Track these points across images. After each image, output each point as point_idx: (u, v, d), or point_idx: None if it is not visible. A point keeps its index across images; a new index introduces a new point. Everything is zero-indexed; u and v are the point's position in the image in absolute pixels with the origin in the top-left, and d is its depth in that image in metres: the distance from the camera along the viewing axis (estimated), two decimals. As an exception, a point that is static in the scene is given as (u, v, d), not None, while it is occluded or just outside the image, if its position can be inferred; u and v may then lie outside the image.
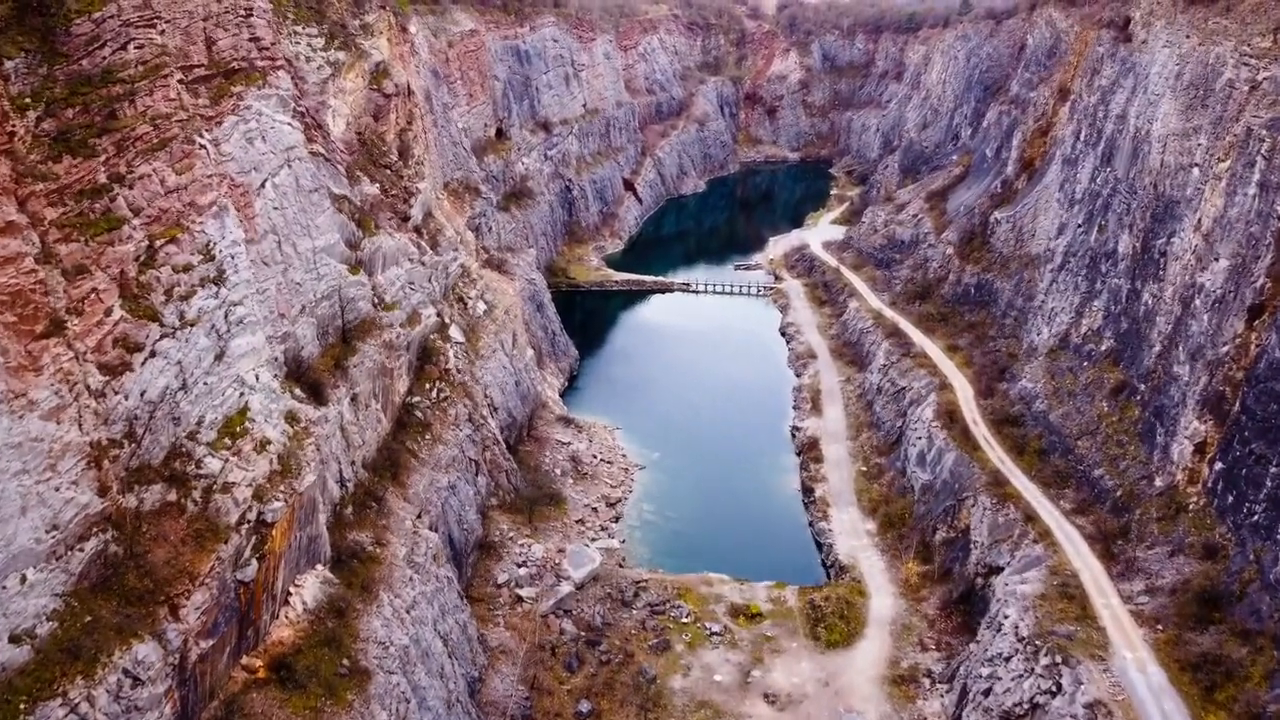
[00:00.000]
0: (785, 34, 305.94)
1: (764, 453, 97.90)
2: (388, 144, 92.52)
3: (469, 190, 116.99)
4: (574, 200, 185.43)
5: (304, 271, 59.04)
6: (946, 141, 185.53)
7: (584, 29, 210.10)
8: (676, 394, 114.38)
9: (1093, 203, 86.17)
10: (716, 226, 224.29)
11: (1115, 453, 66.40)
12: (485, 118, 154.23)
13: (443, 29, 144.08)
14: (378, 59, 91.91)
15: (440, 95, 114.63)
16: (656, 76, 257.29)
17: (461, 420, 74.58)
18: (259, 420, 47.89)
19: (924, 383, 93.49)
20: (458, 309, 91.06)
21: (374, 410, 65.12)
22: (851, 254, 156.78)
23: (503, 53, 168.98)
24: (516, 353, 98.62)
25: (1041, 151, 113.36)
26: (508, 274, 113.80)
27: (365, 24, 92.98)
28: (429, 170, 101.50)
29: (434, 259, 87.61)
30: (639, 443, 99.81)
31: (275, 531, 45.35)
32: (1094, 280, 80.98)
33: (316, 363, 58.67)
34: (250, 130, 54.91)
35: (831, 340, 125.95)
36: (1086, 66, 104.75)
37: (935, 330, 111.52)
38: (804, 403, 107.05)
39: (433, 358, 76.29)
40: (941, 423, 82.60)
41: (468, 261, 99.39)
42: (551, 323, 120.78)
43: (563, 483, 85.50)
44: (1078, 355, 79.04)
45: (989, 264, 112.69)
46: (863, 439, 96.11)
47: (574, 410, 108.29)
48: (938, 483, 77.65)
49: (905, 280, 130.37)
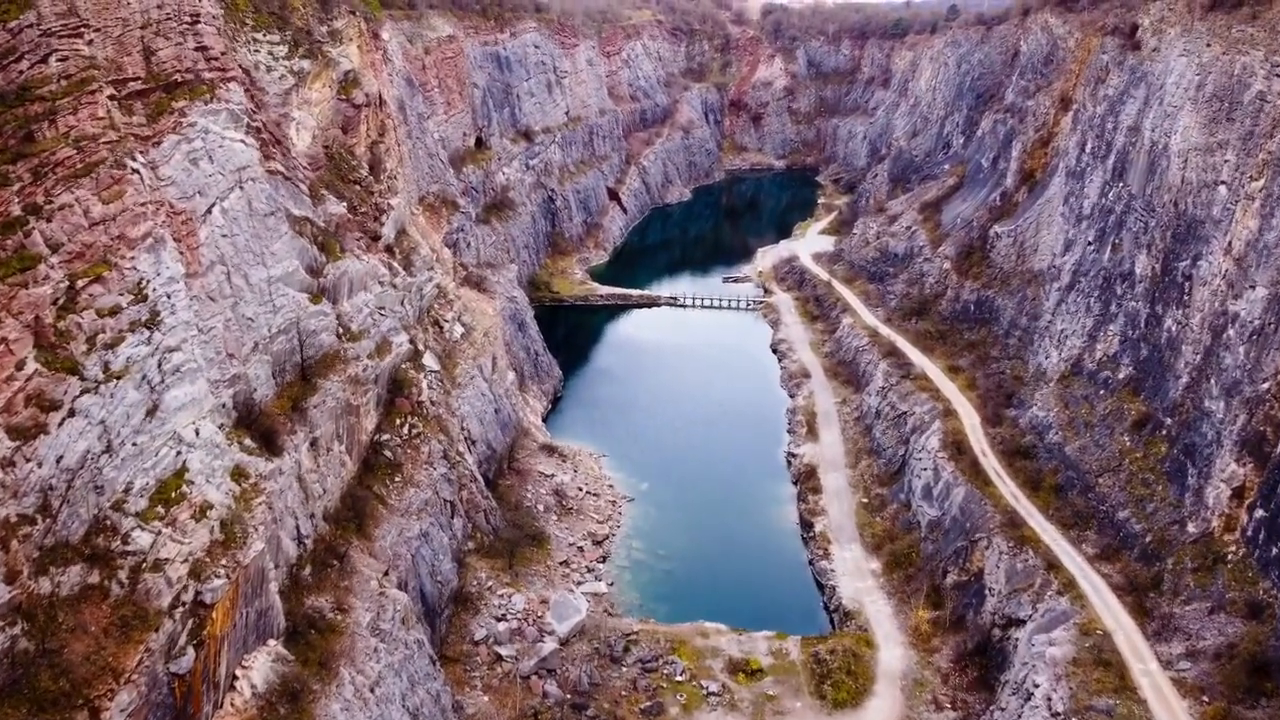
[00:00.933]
0: (770, 40, 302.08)
1: (759, 481, 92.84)
2: (357, 158, 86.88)
3: (446, 204, 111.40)
4: (557, 211, 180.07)
5: (257, 304, 53.40)
6: (937, 150, 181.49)
7: (566, 35, 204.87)
8: (665, 416, 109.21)
9: (1104, 219, 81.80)
10: (702, 236, 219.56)
11: (1141, 493, 61.75)
12: (464, 127, 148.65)
13: (419, 35, 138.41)
14: (346, 67, 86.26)
15: (415, 104, 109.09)
16: (640, 83, 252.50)
17: (435, 458, 69.01)
18: (199, 482, 42.22)
19: (926, 408, 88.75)
20: (433, 333, 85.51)
21: (337, 454, 59.48)
22: (843, 266, 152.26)
23: (482, 59, 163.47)
24: (496, 377, 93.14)
25: (1043, 163, 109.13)
26: (487, 292, 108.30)
27: (333, 30, 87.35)
28: (402, 185, 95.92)
29: (407, 280, 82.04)
30: (627, 471, 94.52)
31: (216, 612, 39.69)
32: (1108, 302, 76.51)
33: (271, 406, 53.00)
34: (194, 150, 49.27)
35: (825, 358, 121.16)
36: (1090, 75, 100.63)
37: (934, 349, 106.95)
38: (799, 426, 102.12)
39: (404, 390, 70.71)
40: (948, 454, 77.82)
41: (444, 281, 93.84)
42: (534, 342, 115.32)
43: (546, 520, 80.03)
44: (1092, 382, 74.50)
45: (989, 280, 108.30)
46: (862, 467, 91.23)
47: (558, 435, 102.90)
48: (946, 519, 72.83)
49: (900, 295, 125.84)
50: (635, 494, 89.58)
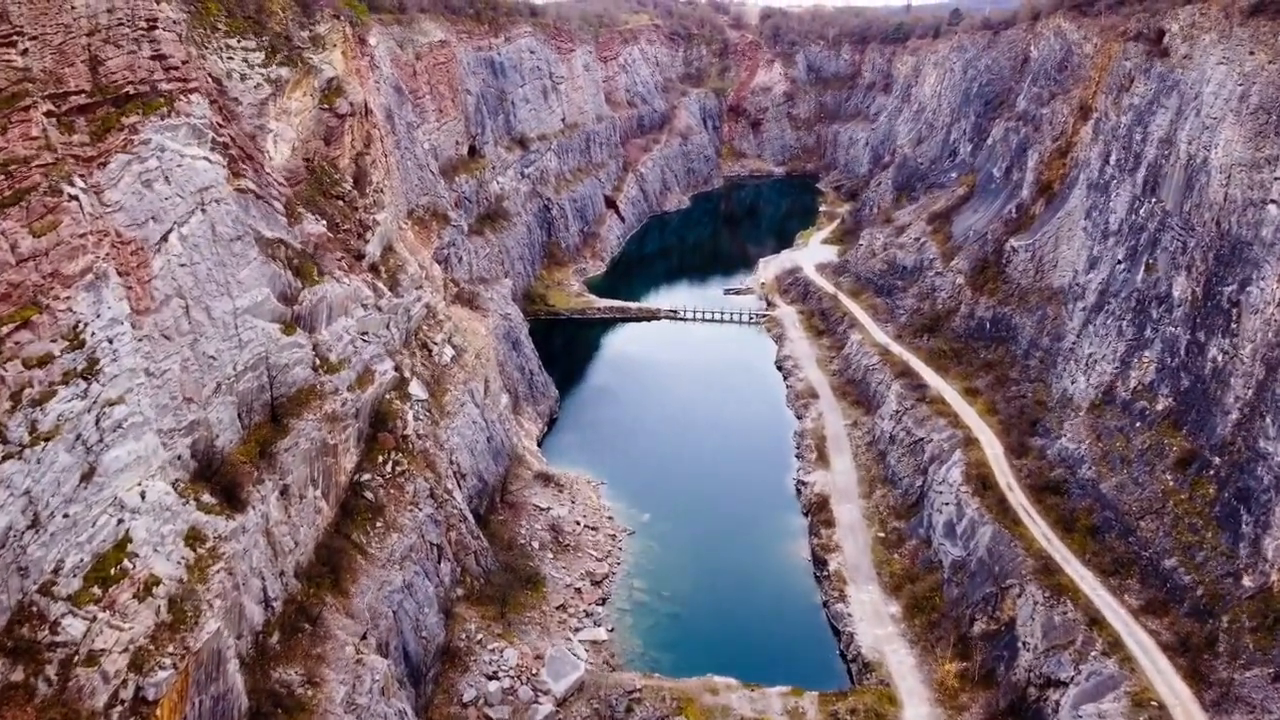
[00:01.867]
0: (769, 45, 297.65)
1: (767, 512, 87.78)
2: (341, 171, 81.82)
3: (437, 218, 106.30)
4: (553, 220, 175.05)
5: (221, 340, 48.27)
6: (944, 158, 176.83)
7: (562, 39, 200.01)
8: (666, 439, 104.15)
9: (1135, 237, 76.98)
10: (702, 245, 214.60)
11: (1189, 540, 56.81)
12: (457, 134, 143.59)
13: (410, 40, 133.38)
14: (330, 75, 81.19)
15: (404, 113, 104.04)
16: (638, 89, 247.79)
17: (422, 497, 63.87)
18: (144, 553, 37.07)
19: (945, 435, 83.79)
20: (421, 357, 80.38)
21: (311, 500, 54.34)
22: (849, 279, 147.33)
23: (476, 65, 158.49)
24: (489, 402, 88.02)
25: (1061, 174, 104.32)
26: (480, 309, 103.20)
27: (315, 36, 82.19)
28: (390, 198, 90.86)
29: (393, 302, 76.94)
30: (627, 500, 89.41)
31: (161, 709, 34.55)
32: (1142, 326, 71.66)
33: (235, 453, 47.84)
34: (148, 171, 44.15)
35: (833, 377, 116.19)
36: (1111, 82, 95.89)
37: (948, 369, 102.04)
38: (808, 451, 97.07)
39: (388, 423, 65.57)
40: (972, 488, 72.85)
41: (433, 300, 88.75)
42: (529, 361, 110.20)
43: (541, 558, 74.89)
44: (1127, 413, 69.59)
45: (1005, 296, 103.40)
46: (877, 497, 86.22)
47: (554, 460, 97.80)
48: (972, 561, 67.82)
49: (911, 311, 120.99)
50: (636, 526, 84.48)
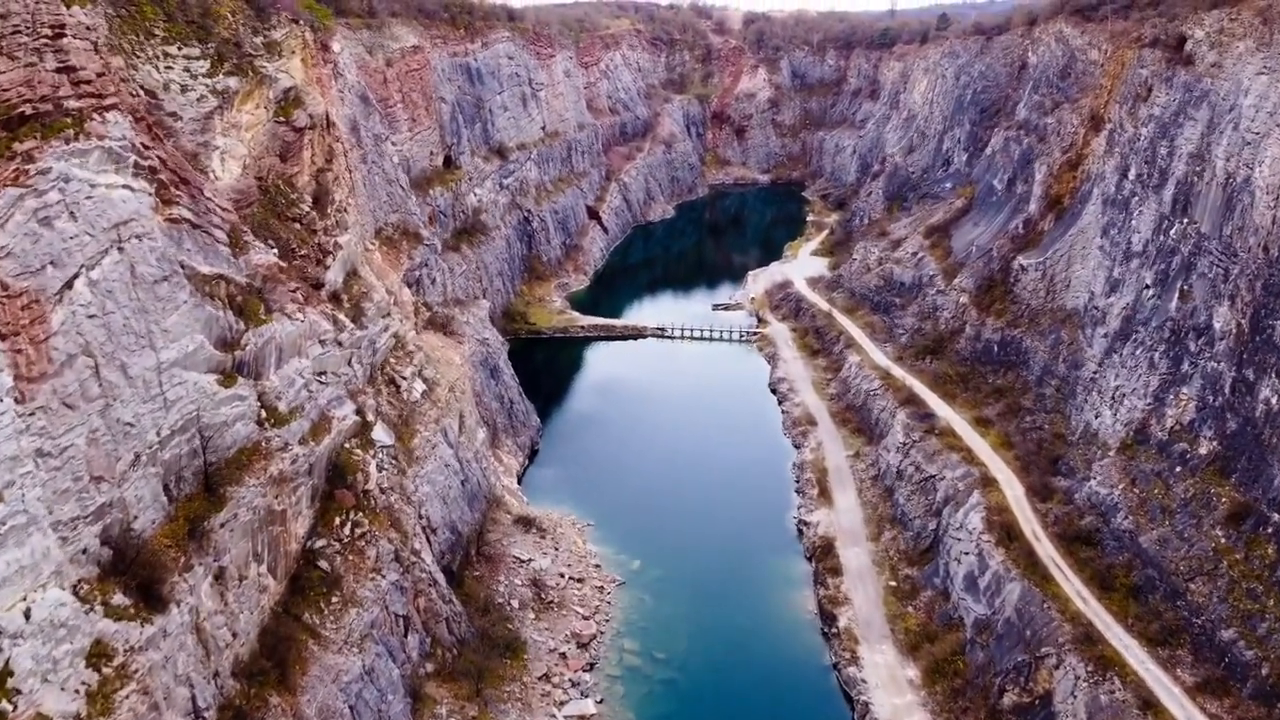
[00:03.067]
0: (753, 50, 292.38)
1: (767, 557, 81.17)
2: (299, 190, 74.49)
3: (408, 236, 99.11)
4: (533, 233, 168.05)
5: (141, 402, 41.03)
6: (936, 167, 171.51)
7: (542, 44, 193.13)
8: (656, 471, 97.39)
9: (1165, 260, 71.15)
10: (687, 255, 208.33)
11: (1248, 608, 50.78)
12: (431, 145, 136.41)
13: (380, 45, 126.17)
14: (286, 84, 73.83)
15: (371, 124, 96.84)
16: (620, 95, 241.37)
17: (385, 562, 56.74)
18: (30, 686, 29.89)
19: (959, 473, 77.59)
20: (387, 394, 73.19)
21: (254, 579, 47.14)
22: (843, 295, 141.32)
23: (451, 71, 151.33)
24: (464, 440, 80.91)
25: (1071, 187, 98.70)
26: (455, 335, 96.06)
27: (270, 42, 74.79)
28: (354, 218, 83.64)
29: (355, 335, 69.70)
30: (616, 544, 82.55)
31: None
32: (1178, 360, 65.73)
33: (157, 537, 40.59)
34: (47, 206, 36.91)
35: (831, 401, 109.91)
36: (1126, 92, 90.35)
37: (955, 396, 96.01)
38: (809, 486, 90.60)
39: (347, 477, 58.41)
40: (995, 537, 66.60)
41: (403, 329, 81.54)
42: (509, 389, 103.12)
43: (522, 619, 67.87)
44: (1165, 456, 63.58)
45: (1015, 318, 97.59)
46: (886, 540, 79.88)
47: (536, 498, 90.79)
48: (999, 621, 61.51)
49: (911, 331, 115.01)
50: (626, 575, 77.61)
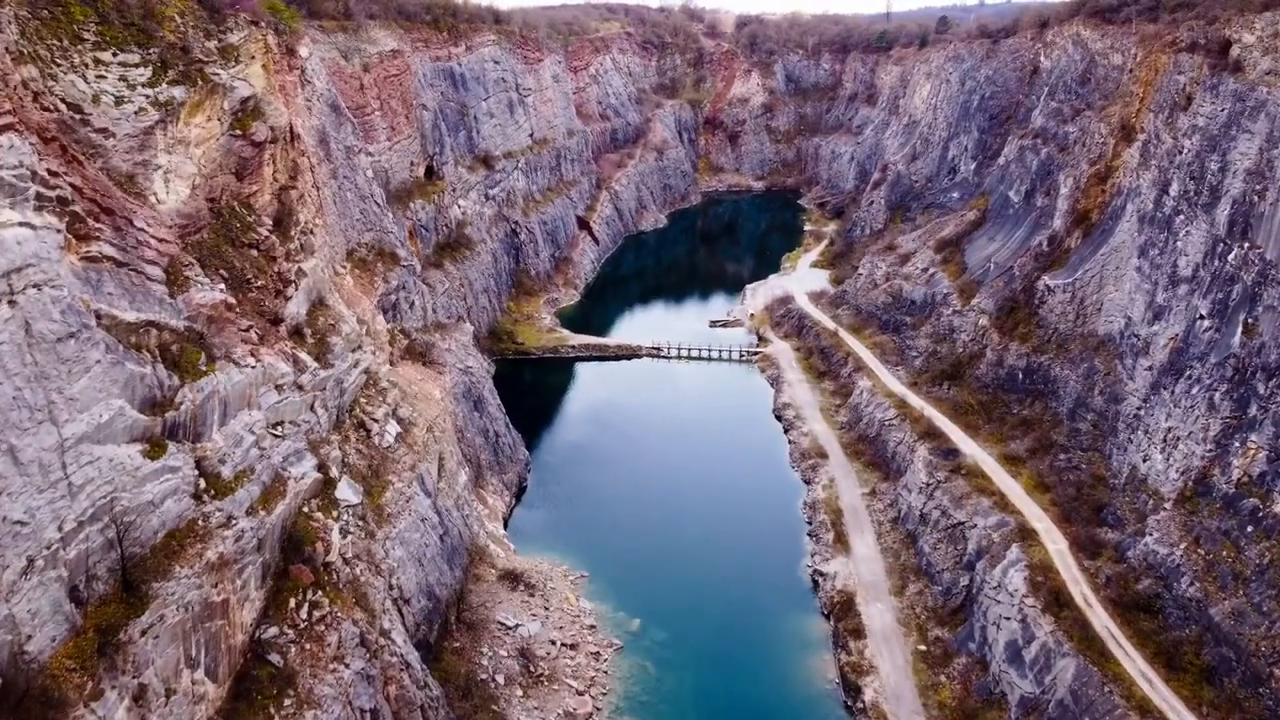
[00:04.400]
0: (745, 54, 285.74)
1: (780, 613, 73.67)
2: (257, 211, 66.65)
3: (383, 257, 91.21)
4: (521, 245, 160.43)
5: (37, 492, 33.19)
6: (941, 176, 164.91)
7: (529, 48, 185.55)
8: (655, 510, 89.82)
9: (1224, 289, 64.08)
10: (682, 267, 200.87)
11: (1358, 705, 43.65)
12: (411, 155, 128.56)
13: (356, 50, 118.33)
14: (244, 93, 65.97)
15: (343, 135, 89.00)
16: (610, 101, 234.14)
17: (349, 648, 48.94)
18: None
19: (992, 521, 70.33)
20: (356, 441, 65.39)
21: (188, 689, 39.24)
22: (848, 312, 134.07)
23: (433, 76, 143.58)
24: (444, 486, 73.17)
25: (1099, 202, 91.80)
26: (435, 365, 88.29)
27: (226, 46, 66.97)
28: (322, 240, 75.99)
29: (320, 375, 61.88)
30: (613, 599, 74.94)
31: None
32: (1244, 402, 58.64)
33: (58, 657, 32.73)
34: (-102, 253, 29.15)
35: (842, 431, 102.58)
36: (1161, 100, 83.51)
37: (978, 428, 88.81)
38: (822, 529, 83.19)
39: (305, 547, 50.57)
40: (1041, 602, 59.29)
41: (375, 363, 73.78)
42: (494, 421, 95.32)
43: (508, 699, 60.07)
44: (1232, 512, 56.44)
45: (1041, 343, 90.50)
46: (911, 594, 72.52)
47: (524, 544, 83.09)
48: (1050, 703, 54.18)
49: (925, 353, 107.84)
50: (624, 637, 69.97)
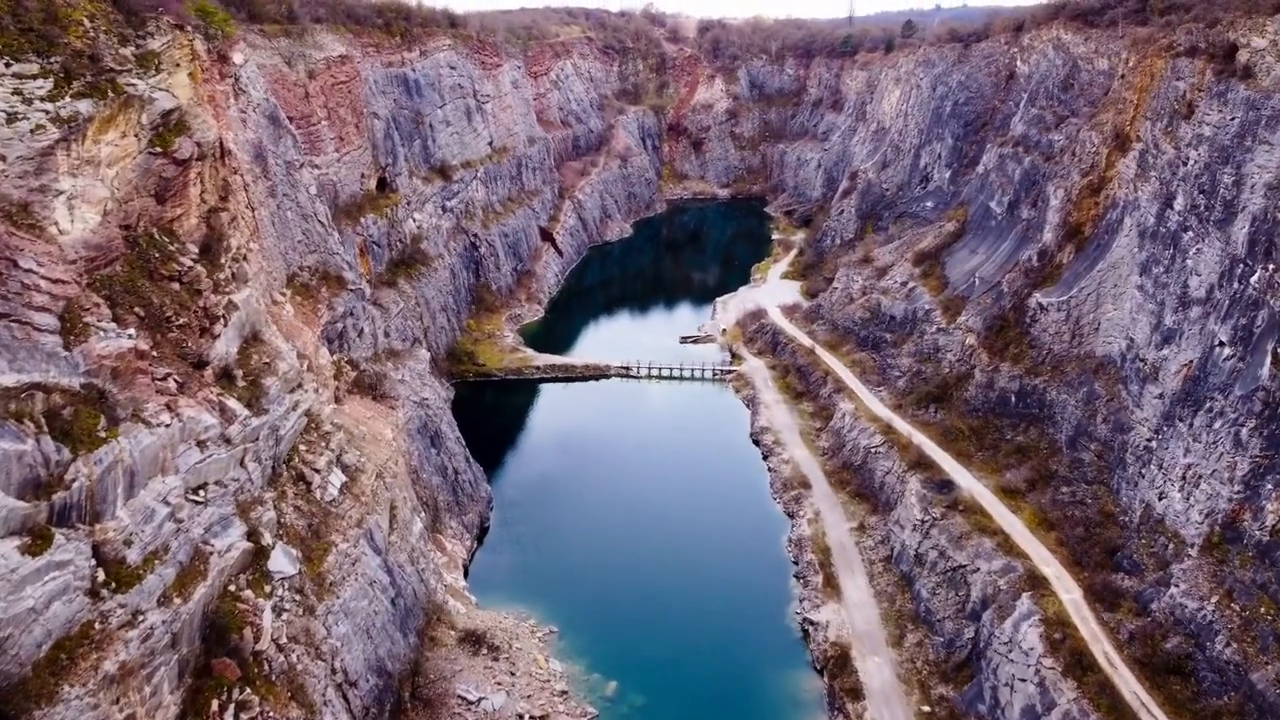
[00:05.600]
0: (709, 59, 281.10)
1: (770, 671, 67.41)
2: (181, 238, 58.98)
3: (328, 281, 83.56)
4: (481, 259, 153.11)
5: None
6: (913, 184, 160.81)
7: (487, 53, 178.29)
8: (629, 550, 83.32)
9: (1245, 314, 59.27)
10: (649, 278, 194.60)
11: None
12: (362, 166, 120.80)
13: (301, 55, 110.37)
14: (166, 106, 58.20)
15: (283, 150, 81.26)
16: (572, 107, 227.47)
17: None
18: None
19: (997, 565, 64.87)
20: (295, 496, 57.92)
21: (68, 846, 31.90)
22: (824, 327, 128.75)
23: (385, 83, 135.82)
24: (396, 539, 65.90)
25: (1092, 215, 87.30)
26: (387, 399, 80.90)
27: (145, 54, 59.11)
28: (257, 267, 68.35)
29: (250, 424, 54.37)
30: (585, 657, 68.22)
31: None
32: (1275, 440, 53.70)
33: None
34: None
35: (824, 458, 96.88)
36: (1159, 107, 79.14)
37: (971, 456, 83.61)
38: (810, 570, 77.24)
39: (229, 636, 43.24)
40: (1061, 663, 53.78)
41: (317, 403, 66.26)
42: (453, 457, 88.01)
43: (472, 789, 53.19)
44: (1268, 563, 51.37)
45: (1034, 364, 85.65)
46: (910, 645, 66.77)
47: (487, 594, 75.95)
48: (1078, 782, 48.60)
49: (909, 373, 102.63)
50: (600, 705, 63.23)
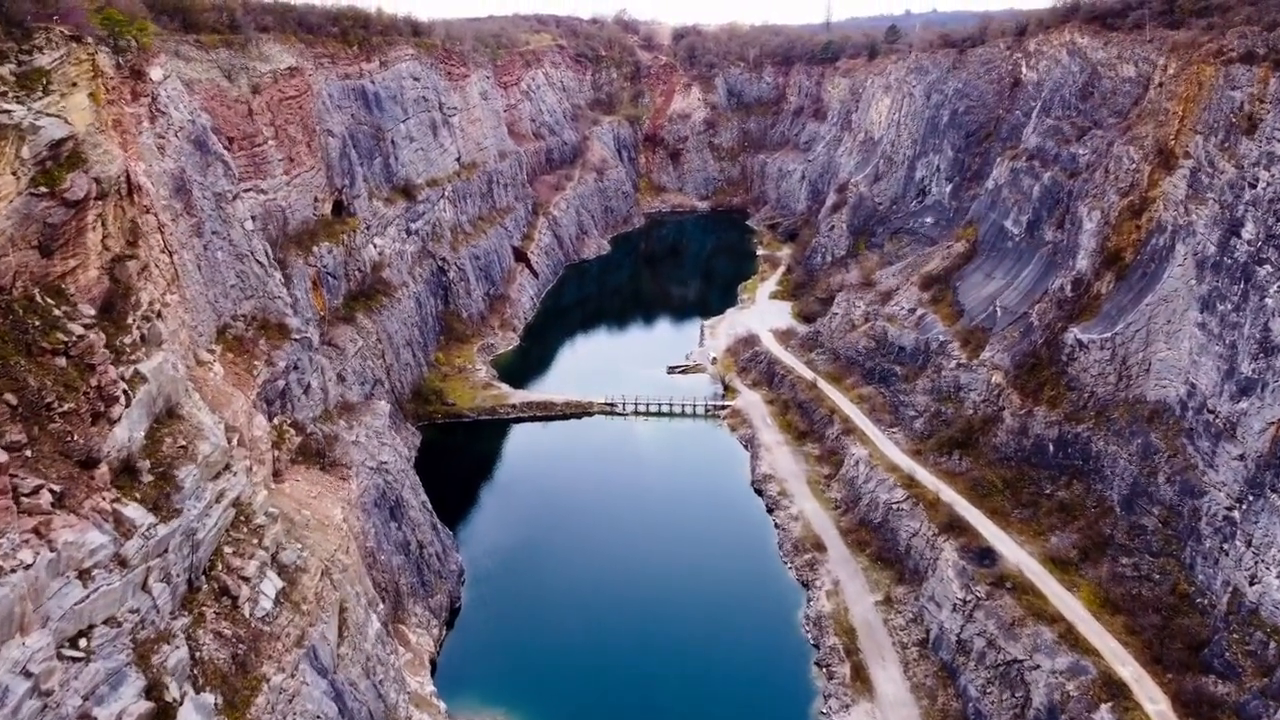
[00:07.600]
0: (684, 67, 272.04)
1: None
2: (73, 297, 47.50)
3: (268, 330, 72.03)
4: (450, 285, 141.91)
5: None
6: (908, 198, 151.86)
7: (454, 63, 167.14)
8: (622, 631, 72.54)
9: (1360, 367, 49.99)
10: (629, 297, 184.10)
11: None
12: (315, 189, 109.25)
13: (244, 68, 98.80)
14: (56, 135, 46.53)
15: (212, 180, 69.73)
16: (544, 118, 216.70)
17: None
18: None
19: (1062, 664, 54.89)
20: (217, 616, 46.46)
21: None
22: (825, 357, 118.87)
23: (341, 97, 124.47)
24: (347, 651, 54.63)
25: (1134, 240, 78.11)
26: (338, 468, 69.47)
27: (30, 71, 47.53)
28: (175, 323, 56.82)
29: (157, 534, 42.88)
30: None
31: None
32: None
33: None
34: None
35: (838, 512, 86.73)
36: (1212, 120, 70.07)
37: (1007, 515, 73.86)
38: (835, 659, 66.84)
39: None
40: (1167, 810, 43.96)
41: (249, 489, 54.81)
42: (418, 528, 76.69)
43: None
44: None
45: (1074, 409, 76.13)
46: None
47: (458, 696, 64.71)
48: None
49: (927, 414, 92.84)
50: None
